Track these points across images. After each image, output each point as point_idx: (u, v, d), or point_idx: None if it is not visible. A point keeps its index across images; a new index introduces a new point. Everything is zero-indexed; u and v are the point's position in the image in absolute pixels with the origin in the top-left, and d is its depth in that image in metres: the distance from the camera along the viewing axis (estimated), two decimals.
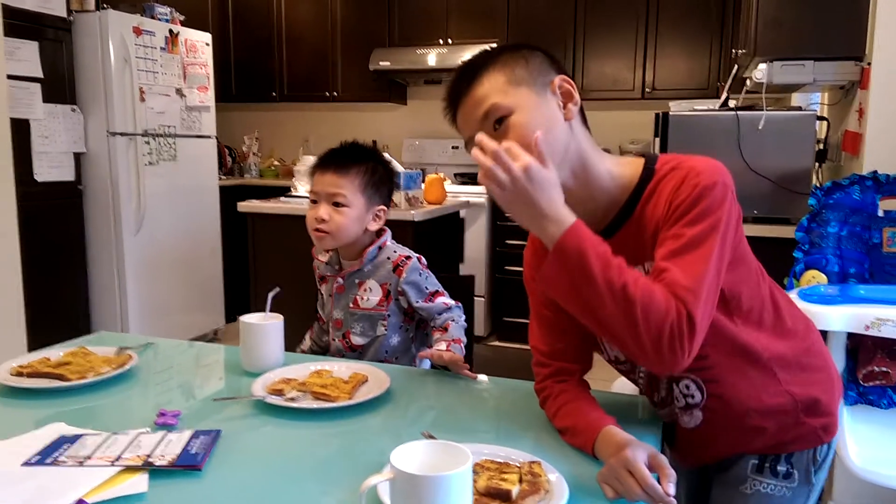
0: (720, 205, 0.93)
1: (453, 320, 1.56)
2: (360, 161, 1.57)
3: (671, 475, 0.85)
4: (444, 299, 1.60)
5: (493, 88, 0.97)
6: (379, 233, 1.64)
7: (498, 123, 0.97)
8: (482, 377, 1.35)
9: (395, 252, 1.61)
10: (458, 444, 0.79)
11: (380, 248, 1.61)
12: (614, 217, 1.03)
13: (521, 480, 0.87)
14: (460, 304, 1.63)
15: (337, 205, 1.53)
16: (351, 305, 1.61)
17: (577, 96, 1.00)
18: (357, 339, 1.62)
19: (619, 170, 1.03)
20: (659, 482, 0.85)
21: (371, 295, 1.60)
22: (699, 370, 1.04)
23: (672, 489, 0.84)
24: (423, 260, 1.63)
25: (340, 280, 1.63)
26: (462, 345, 1.49)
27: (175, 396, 1.26)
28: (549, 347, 1.13)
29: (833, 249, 2.00)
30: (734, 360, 1.03)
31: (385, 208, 1.62)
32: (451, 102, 1.02)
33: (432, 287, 1.61)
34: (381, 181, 1.60)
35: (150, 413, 1.13)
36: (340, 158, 1.57)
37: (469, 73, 1.00)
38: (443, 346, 1.45)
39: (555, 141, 0.96)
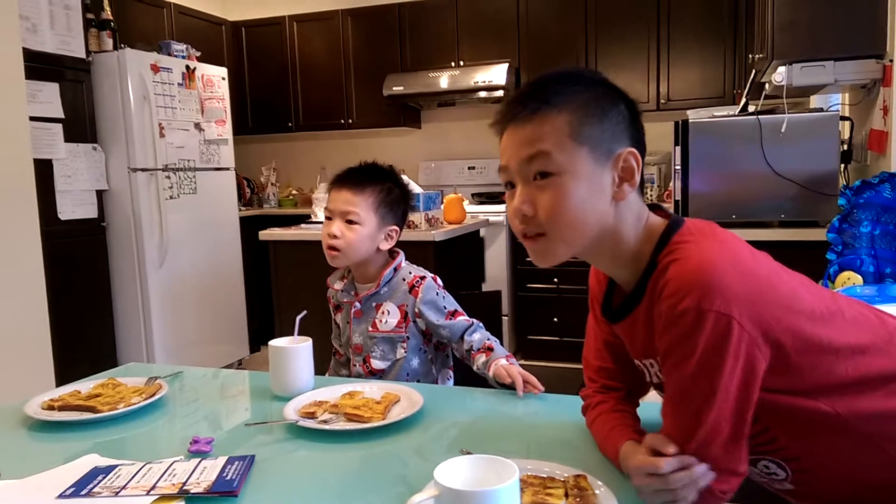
0: (717, 346, 0.78)
1: (489, 339, 1.52)
2: (377, 180, 1.58)
3: (669, 445, 0.82)
4: (464, 317, 1.58)
5: (553, 134, 0.86)
6: (392, 255, 1.63)
7: (541, 176, 0.87)
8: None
9: (410, 273, 1.61)
10: (504, 459, 0.76)
11: (395, 269, 1.60)
12: (626, 298, 0.94)
13: (567, 495, 0.85)
14: (481, 324, 1.60)
15: (350, 222, 1.54)
16: (370, 329, 1.60)
17: (637, 178, 0.88)
18: (377, 363, 1.60)
19: (640, 246, 0.91)
20: None
21: (389, 317, 1.58)
22: (773, 451, 0.91)
23: (671, 449, 0.81)
24: (439, 280, 1.62)
25: (358, 304, 1.62)
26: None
27: (207, 423, 1.24)
28: (600, 363, 1.09)
29: (867, 249, 1.95)
30: (811, 435, 0.87)
31: (398, 229, 1.61)
32: (506, 117, 0.91)
33: (451, 306, 1.59)
34: (396, 202, 1.60)
35: (183, 441, 1.11)
36: (357, 177, 1.57)
37: (539, 96, 0.87)
38: (503, 361, 1.40)
39: (590, 219, 0.87)
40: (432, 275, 1.62)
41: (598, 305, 1.05)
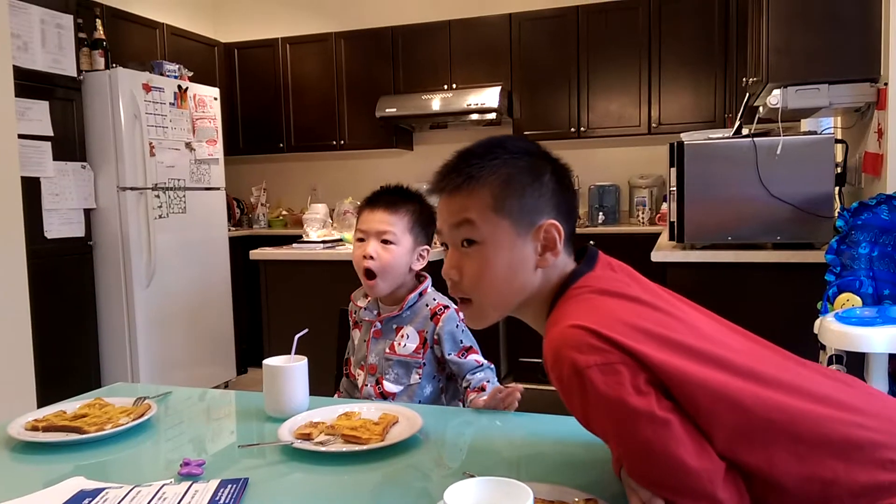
0: (614, 393, 0.76)
1: (489, 381, 1.52)
2: (409, 200, 1.59)
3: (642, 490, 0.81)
4: (477, 357, 1.57)
5: (477, 206, 0.91)
6: (419, 279, 1.63)
7: (467, 243, 0.93)
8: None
9: (434, 300, 1.61)
10: (515, 481, 0.72)
11: (420, 294, 1.60)
12: None
13: None
14: (493, 366, 1.59)
15: (385, 242, 1.54)
16: (387, 351, 1.58)
17: (559, 247, 0.91)
18: (390, 387, 1.57)
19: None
20: None
21: (408, 342, 1.57)
22: None
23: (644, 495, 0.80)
24: (462, 314, 1.60)
25: (378, 325, 1.61)
26: None
27: (197, 445, 1.20)
28: None
29: (865, 271, 1.94)
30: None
31: (429, 248, 1.62)
32: (438, 187, 0.97)
33: (467, 342, 1.58)
34: (427, 222, 1.61)
35: (171, 463, 1.06)
36: (390, 197, 1.59)
37: (465, 170, 0.93)
38: (484, 396, 1.40)
39: (514, 286, 0.92)
40: (456, 307, 1.60)
41: None
